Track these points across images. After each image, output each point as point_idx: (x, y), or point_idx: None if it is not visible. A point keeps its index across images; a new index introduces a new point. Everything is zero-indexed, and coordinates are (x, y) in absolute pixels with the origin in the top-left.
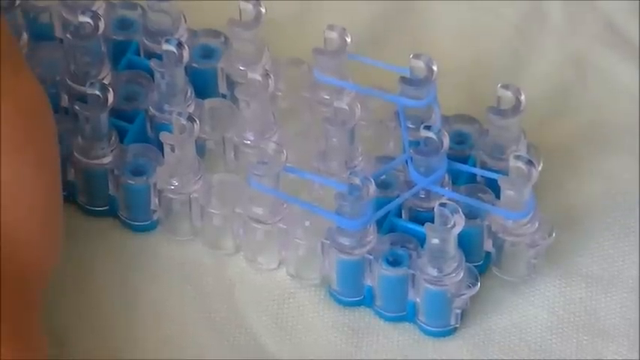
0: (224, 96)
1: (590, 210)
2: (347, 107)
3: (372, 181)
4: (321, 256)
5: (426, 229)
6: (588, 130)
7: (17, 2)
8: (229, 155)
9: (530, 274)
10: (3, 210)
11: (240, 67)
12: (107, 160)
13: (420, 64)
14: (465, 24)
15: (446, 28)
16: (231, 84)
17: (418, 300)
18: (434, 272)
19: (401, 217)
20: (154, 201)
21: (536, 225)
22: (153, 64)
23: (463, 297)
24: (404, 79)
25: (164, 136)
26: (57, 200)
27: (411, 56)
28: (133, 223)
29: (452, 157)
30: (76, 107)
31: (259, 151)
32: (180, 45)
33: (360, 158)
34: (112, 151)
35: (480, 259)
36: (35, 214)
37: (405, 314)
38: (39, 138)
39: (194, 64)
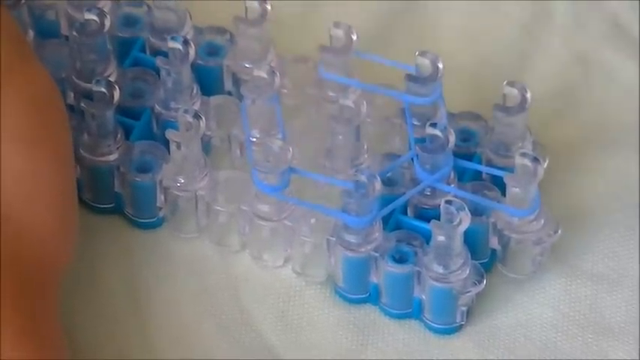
0: (230, 93)
1: (596, 208)
2: (353, 105)
3: (378, 178)
4: (326, 253)
5: (431, 226)
6: (594, 128)
7: (23, 0)
8: (235, 152)
9: (536, 271)
10: (22, 204)
11: (246, 65)
12: (113, 157)
13: (425, 62)
14: (470, 22)
15: (452, 25)
16: (236, 81)
17: (424, 297)
18: (439, 269)
19: (406, 214)
20: (160, 198)
21: (542, 222)
22: (159, 61)
23: (469, 294)
24: (410, 77)
25: (170, 134)
26: (73, 194)
27: (417, 54)
28: (138, 220)
29: (457, 155)
30: (82, 104)
31: (264, 149)
32: (185, 42)
33: (366, 155)
34: (117, 148)
35: (486, 256)
36: (54, 209)
37: (411, 311)
38: (54, 130)
39: (200, 62)
